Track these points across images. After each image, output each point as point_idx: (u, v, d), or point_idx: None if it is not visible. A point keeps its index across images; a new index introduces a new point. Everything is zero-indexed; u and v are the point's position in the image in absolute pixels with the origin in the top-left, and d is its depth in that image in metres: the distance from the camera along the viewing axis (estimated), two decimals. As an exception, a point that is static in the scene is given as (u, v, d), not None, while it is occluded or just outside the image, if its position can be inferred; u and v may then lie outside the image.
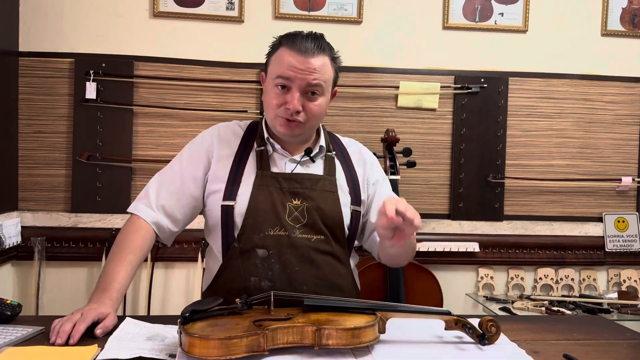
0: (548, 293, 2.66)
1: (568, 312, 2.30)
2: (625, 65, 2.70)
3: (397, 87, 2.58)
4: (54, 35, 2.44)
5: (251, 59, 2.50)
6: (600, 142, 2.71)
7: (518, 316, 2.16)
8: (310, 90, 1.36)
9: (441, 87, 2.60)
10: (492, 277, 2.65)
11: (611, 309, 2.37)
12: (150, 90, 2.49)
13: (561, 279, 2.68)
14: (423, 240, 2.55)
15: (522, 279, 2.67)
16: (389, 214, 1.11)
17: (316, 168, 1.45)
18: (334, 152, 1.49)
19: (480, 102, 2.63)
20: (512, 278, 2.67)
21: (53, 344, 1.09)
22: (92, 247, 2.44)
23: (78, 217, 2.46)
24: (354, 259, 1.51)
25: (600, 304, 2.42)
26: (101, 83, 2.44)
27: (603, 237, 2.70)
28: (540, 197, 2.69)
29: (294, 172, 1.41)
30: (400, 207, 1.12)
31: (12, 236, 2.32)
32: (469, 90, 2.60)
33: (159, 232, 1.42)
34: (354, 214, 1.45)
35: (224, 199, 1.38)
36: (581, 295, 2.58)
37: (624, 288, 2.66)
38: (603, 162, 2.71)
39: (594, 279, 2.70)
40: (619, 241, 2.70)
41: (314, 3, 2.56)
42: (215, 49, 2.52)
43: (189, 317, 1.05)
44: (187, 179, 1.43)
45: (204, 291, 1.48)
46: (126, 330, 1.18)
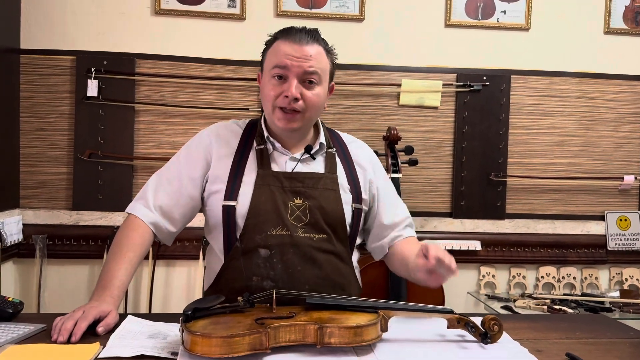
0: (550, 292, 2.66)
1: (570, 310, 2.30)
2: (628, 64, 2.70)
3: (399, 85, 2.57)
4: (55, 32, 2.44)
5: (253, 57, 2.48)
6: (603, 141, 2.70)
7: (520, 315, 2.16)
8: (308, 79, 1.36)
9: (443, 85, 2.59)
10: (494, 276, 2.65)
11: (613, 308, 2.36)
12: (151, 88, 2.48)
13: (563, 277, 2.67)
14: (424, 239, 2.54)
15: (524, 277, 2.66)
16: (431, 261, 1.20)
17: (317, 166, 1.44)
18: (334, 149, 1.49)
19: (482, 100, 2.62)
20: (514, 276, 2.66)
21: (55, 342, 1.10)
22: (94, 245, 2.44)
23: (79, 215, 2.46)
24: (355, 255, 1.51)
25: (602, 302, 2.42)
26: (103, 80, 2.43)
27: (605, 235, 2.70)
28: (542, 196, 2.68)
29: (295, 170, 1.40)
30: (440, 254, 1.20)
31: (14, 234, 2.31)
32: (471, 88, 2.60)
33: (157, 232, 1.41)
34: (356, 212, 1.44)
35: (225, 199, 1.37)
36: (583, 294, 2.58)
37: (626, 287, 2.66)
38: (605, 161, 2.70)
39: (596, 278, 2.69)
40: (621, 240, 2.69)
41: (316, 0, 2.55)
42: (217, 47, 2.51)
43: (191, 315, 1.05)
44: (184, 180, 1.42)
45: (206, 290, 1.47)
46: (128, 328, 1.18)
